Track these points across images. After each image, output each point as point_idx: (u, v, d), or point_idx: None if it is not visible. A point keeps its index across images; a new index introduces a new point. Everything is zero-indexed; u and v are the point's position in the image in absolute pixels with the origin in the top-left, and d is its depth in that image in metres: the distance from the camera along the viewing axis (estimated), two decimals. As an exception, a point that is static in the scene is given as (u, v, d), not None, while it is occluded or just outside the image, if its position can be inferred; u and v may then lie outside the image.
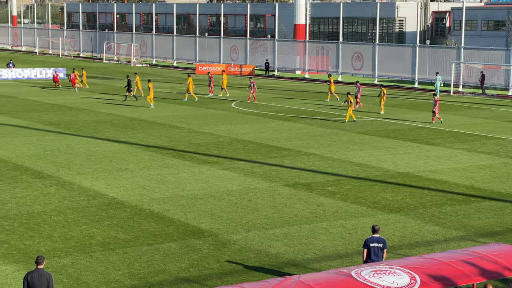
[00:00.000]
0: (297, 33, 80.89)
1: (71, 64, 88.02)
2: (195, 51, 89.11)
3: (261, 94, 58.82)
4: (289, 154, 33.33)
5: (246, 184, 27.32)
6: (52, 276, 13.95)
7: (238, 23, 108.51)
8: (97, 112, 46.27)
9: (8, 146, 33.91)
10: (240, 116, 45.84)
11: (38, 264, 13.94)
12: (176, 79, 71.26)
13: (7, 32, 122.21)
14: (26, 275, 13.83)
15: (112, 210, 23.43)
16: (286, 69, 79.75)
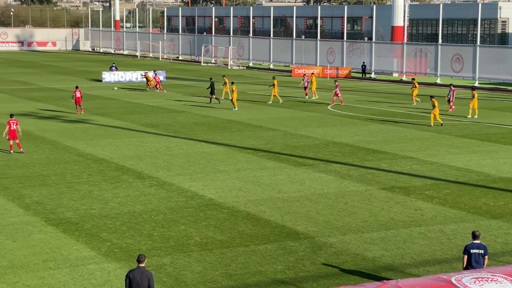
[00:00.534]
0: (395, 35, 79.94)
1: (170, 67, 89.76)
2: (292, 53, 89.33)
3: (358, 96, 58.45)
4: (385, 157, 33.00)
5: (342, 187, 27.22)
6: (152, 275, 14.26)
7: (335, 25, 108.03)
8: (195, 114, 47.02)
9: (111, 147, 34.88)
10: (336, 118, 45.68)
11: (140, 262, 14.23)
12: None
13: (110, 36, 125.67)
14: (128, 273, 14.18)
15: (210, 211, 23.78)
16: (383, 72, 78.94)
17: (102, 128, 40.83)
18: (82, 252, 19.40)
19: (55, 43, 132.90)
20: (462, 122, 43.73)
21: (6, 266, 18.21)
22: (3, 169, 29.51)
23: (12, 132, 32.21)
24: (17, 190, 26.11)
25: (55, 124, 41.98)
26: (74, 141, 36.15)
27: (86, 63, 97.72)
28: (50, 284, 17.15)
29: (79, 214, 23.12)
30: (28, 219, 22.39)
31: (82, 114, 45.81)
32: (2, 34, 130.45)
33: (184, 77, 76.60)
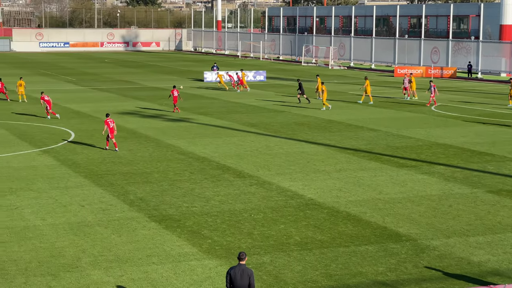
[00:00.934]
0: (504, 34, 77.74)
1: (270, 67, 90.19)
2: (394, 53, 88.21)
3: (463, 97, 57.17)
4: (492, 160, 32.13)
5: (446, 189, 26.66)
6: (253, 272, 14.33)
7: (440, 24, 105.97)
8: (295, 114, 47.06)
9: (212, 145, 35.34)
10: (440, 119, 44.80)
11: (240, 260, 14.31)
12: (374, 82, 70.85)
13: (212, 37, 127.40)
14: (229, 270, 14.30)
15: (309, 210, 23.74)
16: (490, 72, 76.90)
17: (203, 127, 41.42)
18: (184, 249, 19.72)
19: (158, 44, 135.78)
20: None
21: (112, 260, 18.72)
22: (109, 166, 30.35)
23: (111, 130, 33.13)
24: (122, 186, 26.79)
25: (158, 122, 42.87)
26: (176, 140, 36.81)
27: (188, 63, 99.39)
28: (153, 278, 17.52)
29: (181, 211, 23.52)
30: (132, 215, 22.94)
31: (179, 113, 46.56)
32: (109, 35, 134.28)
33: (284, 77, 76.83)
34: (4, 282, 17.09)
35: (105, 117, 34.10)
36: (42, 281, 17.19)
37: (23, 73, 75.70)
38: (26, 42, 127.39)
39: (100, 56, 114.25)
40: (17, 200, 24.54)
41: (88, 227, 21.55)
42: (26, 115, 44.96)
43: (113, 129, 33.25)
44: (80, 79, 72.50)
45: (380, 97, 57.15)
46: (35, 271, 17.82)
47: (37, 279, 17.31)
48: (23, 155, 32.43)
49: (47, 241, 20.22)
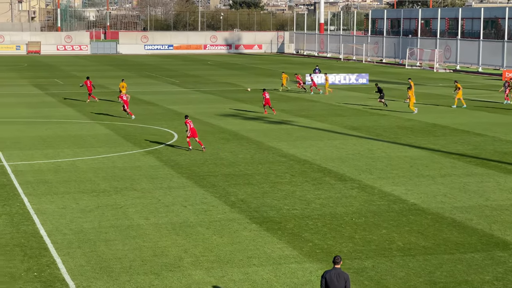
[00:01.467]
0: None
1: (373, 70, 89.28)
2: (503, 56, 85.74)
3: None
4: None
5: (556, 197, 25.66)
6: (349, 276, 14.15)
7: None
8: (397, 117, 46.38)
9: (313, 148, 35.22)
10: (550, 124, 43.19)
11: (336, 263, 14.14)
12: (481, 85, 69.12)
13: (314, 39, 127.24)
14: (324, 274, 14.11)
15: (413, 216, 23.30)
16: None
17: (304, 129, 41.35)
18: (284, 251, 19.70)
19: (261, 46, 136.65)
20: None
21: (213, 261, 18.89)
22: (211, 167, 30.70)
23: (193, 130, 33.59)
24: (223, 188, 27.04)
25: (259, 124, 43.09)
26: (278, 142, 36.89)
27: (290, 65, 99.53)
28: (254, 280, 17.57)
29: (281, 213, 23.53)
30: (233, 216, 23.11)
31: (274, 114, 46.68)
32: (212, 38, 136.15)
33: (387, 80, 75.86)
34: (109, 280, 17.51)
35: (185, 118, 34.53)
36: (145, 280, 17.52)
37: (128, 75, 77.75)
38: (132, 44, 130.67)
39: (203, 58, 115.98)
40: (122, 200, 25.13)
41: (190, 228, 21.83)
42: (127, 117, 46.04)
43: (195, 129, 33.77)
44: (183, 81, 73.77)
45: (487, 101, 55.64)
46: (139, 270, 18.19)
47: (141, 278, 17.65)
48: (127, 155, 33.22)
49: (150, 240, 20.60)
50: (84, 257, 19.09)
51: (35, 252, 19.47)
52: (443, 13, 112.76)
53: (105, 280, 17.44)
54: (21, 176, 28.62)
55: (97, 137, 38.07)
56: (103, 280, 17.47)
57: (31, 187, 26.90)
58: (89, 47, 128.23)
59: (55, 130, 40.23)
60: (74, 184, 27.41)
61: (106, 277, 17.67)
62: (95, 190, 26.48)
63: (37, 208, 23.96)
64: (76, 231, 21.34)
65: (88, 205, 24.38)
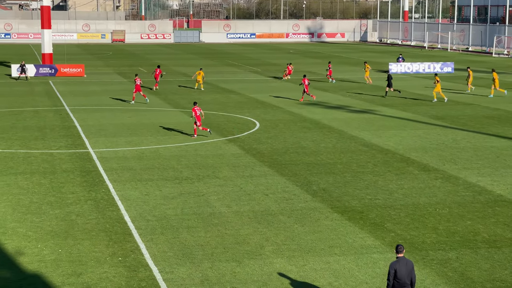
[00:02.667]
0: None
1: (458, 58, 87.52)
2: None
3: None
4: None
5: None
6: (413, 264, 14.20)
7: None
8: (484, 106, 45.38)
9: (396, 138, 34.82)
10: None
11: (399, 252, 14.14)
12: None
13: (398, 27, 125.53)
14: (392, 265, 14.08)
15: (499, 207, 22.80)
16: None
17: (387, 118, 40.90)
18: (366, 241, 19.58)
19: (343, 35, 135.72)
20: None
21: (295, 249, 18.93)
22: (292, 156, 30.72)
23: (198, 118, 33.88)
24: (305, 177, 27.03)
25: (341, 113, 42.85)
26: (360, 131, 36.61)
27: (373, 54, 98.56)
28: (335, 269, 17.54)
29: (363, 203, 23.37)
30: (315, 205, 23.08)
31: (313, 99, 47.21)
32: (294, 26, 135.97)
33: (474, 68, 74.21)
34: (191, 266, 17.77)
35: (193, 105, 34.73)
36: (227, 267, 17.70)
37: (211, 63, 78.38)
38: (215, 33, 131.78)
39: (285, 47, 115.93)
40: (204, 187, 25.43)
41: (272, 216, 21.93)
42: (213, 105, 46.47)
43: (200, 116, 33.94)
44: (265, 69, 73.95)
45: None
46: (221, 257, 18.39)
47: (222, 265, 17.85)
48: (210, 143, 33.56)
49: (232, 228, 20.79)
50: (167, 243, 19.42)
51: (119, 238, 19.92)
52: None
53: (188, 267, 17.71)
54: (106, 163, 29.29)
55: (179, 125, 38.58)
56: (186, 266, 17.74)
57: (116, 173, 27.50)
58: (172, 35, 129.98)
59: (138, 118, 40.98)
60: (157, 171, 27.88)
61: (188, 263, 17.94)
62: (177, 177, 26.87)
63: (121, 194, 24.49)
64: (159, 218, 21.72)
65: (171, 192, 24.77)
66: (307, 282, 16.75)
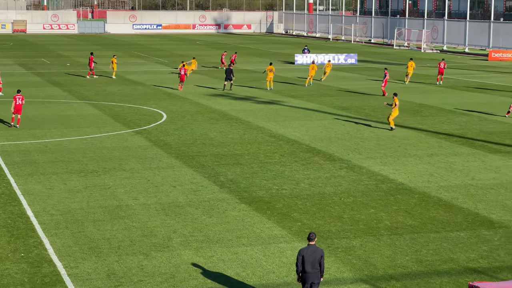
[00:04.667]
0: None
1: (361, 50, 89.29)
2: (489, 37, 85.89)
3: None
4: None
5: (541, 176, 25.89)
6: (323, 251, 14.52)
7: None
8: (386, 98, 46.46)
9: (302, 128, 35.31)
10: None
11: (311, 240, 14.47)
12: (467, 66, 69.30)
13: (303, 19, 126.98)
14: (300, 251, 14.45)
15: (400, 195, 23.47)
16: None
17: (293, 109, 41.41)
18: (273, 231, 19.83)
19: (250, 26, 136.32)
20: None
21: (202, 240, 18.99)
22: (200, 147, 30.75)
23: (18, 106, 34.10)
24: (212, 168, 27.10)
25: (248, 104, 43.11)
26: (267, 122, 36.94)
27: (279, 45, 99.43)
28: (243, 259, 17.69)
29: (270, 193, 23.64)
30: (222, 196, 23.20)
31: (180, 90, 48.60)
32: (200, 17, 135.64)
33: (376, 60, 75.94)
34: (97, 260, 17.58)
35: (16, 93, 34.91)
36: (134, 260, 17.60)
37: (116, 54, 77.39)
38: (120, 24, 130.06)
39: (192, 38, 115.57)
40: (110, 180, 25.16)
41: (179, 208, 21.92)
42: (119, 96, 45.95)
43: (20, 106, 34.03)
44: (172, 61, 73.56)
45: (474, 81, 55.85)
46: (127, 250, 18.27)
47: (129, 258, 17.74)
48: (116, 135, 33.20)
49: (139, 220, 20.67)
50: (72, 237, 19.14)
51: (22, 233, 19.50)
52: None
53: (94, 261, 17.51)
54: (7, 157, 28.58)
55: (85, 117, 38.00)
56: (91, 260, 17.54)
57: (18, 167, 26.87)
58: (76, 26, 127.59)
59: (41, 110, 40.13)
60: (62, 164, 27.39)
61: (94, 257, 17.74)
62: (83, 170, 26.49)
63: (23, 188, 23.96)
64: (63, 212, 21.37)
65: (76, 185, 24.40)
66: (215, 273, 16.85)
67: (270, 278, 16.55)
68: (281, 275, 16.72)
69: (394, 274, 16.80)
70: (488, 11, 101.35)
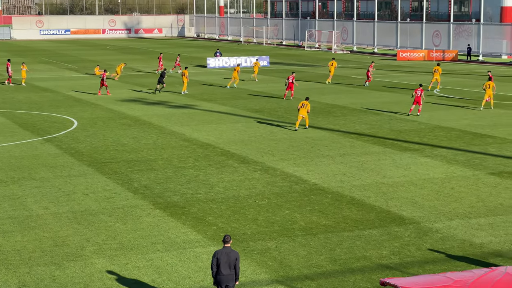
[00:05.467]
0: (504, 16, 77.51)
1: (273, 52, 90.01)
2: (396, 37, 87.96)
3: (465, 80, 57.10)
4: (494, 142, 32.10)
5: (448, 172, 26.67)
6: (239, 254, 14.55)
7: (441, 7, 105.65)
8: (299, 99, 46.96)
9: (216, 132, 35.33)
10: (442, 102, 44.73)
11: (226, 243, 14.52)
12: (377, 66, 70.81)
13: (214, 22, 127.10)
14: (215, 253, 14.48)
15: (314, 196, 23.76)
16: (491, 54, 76.70)
17: (207, 113, 41.40)
18: (189, 236, 19.76)
19: (161, 30, 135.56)
20: None
21: (116, 248, 18.76)
22: (112, 153, 30.38)
23: None
24: (126, 174, 26.82)
25: (161, 109, 42.86)
26: (180, 126, 36.81)
27: (191, 49, 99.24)
28: (158, 265, 17.57)
29: (185, 198, 23.56)
30: (136, 203, 22.98)
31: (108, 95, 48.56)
32: (110, 22, 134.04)
33: (288, 62, 76.70)
34: (7, 272, 17.14)
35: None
36: (46, 271, 17.24)
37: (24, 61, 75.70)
38: (27, 29, 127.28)
39: (102, 43, 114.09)
40: (20, 190, 24.58)
41: (92, 216, 21.59)
42: (28, 104, 44.95)
43: None
44: (82, 66, 72.46)
45: (384, 81, 57.07)
46: (39, 261, 17.87)
47: (41, 269, 17.36)
48: (25, 144, 32.47)
49: (50, 230, 20.26)
50: (-18, 250, 18.60)
51: None
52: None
53: (3, 273, 17.06)
54: None
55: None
56: (1, 272, 17.08)
57: None
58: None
59: None
60: (-30, 175, 26.60)
61: (4, 269, 17.28)
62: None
63: None
64: (-27, 224, 20.75)
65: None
66: (130, 280, 16.67)
67: (186, 283, 16.49)
68: (197, 280, 16.68)
69: (309, 274, 16.99)
70: (395, 12, 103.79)
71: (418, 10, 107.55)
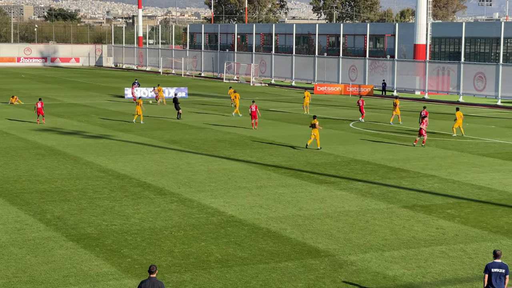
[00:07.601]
0: (417, 53, 79.80)
1: (192, 83, 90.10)
2: (314, 71, 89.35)
3: (379, 114, 58.34)
4: (407, 176, 32.83)
5: (363, 205, 27.10)
6: (164, 285, 14.53)
7: (357, 43, 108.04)
8: (216, 130, 47.08)
9: (132, 163, 34.99)
10: (358, 136, 45.57)
11: (151, 273, 14.58)
12: (294, 99, 71.65)
13: (133, 53, 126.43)
14: (140, 284, 14.47)
15: (230, 227, 23.74)
16: (405, 90, 78.73)
17: (123, 144, 41.00)
18: (102, 268, 19.42)
19: (78, 59, 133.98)
20: (484, 141, 43.46)
21: (26, 282, 18.26)
22: (25, 184, 29.70)
23: None
24: (38, 205, 26.23)
25: (77, 139, 42.22)
26: (96, 157, 36.32)
27: (108, 79, 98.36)
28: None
29: (100, 229, 23.18)
30: (49, 235, 22.47)
31: (43, 123, 48.07)
32: (26, 50, 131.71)
33: (206, 93, 76.86)
34: None
35: None
36: (-46, 304, 16.65)
37: None
38: None
39: (17, 71, 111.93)
40: None
41: (2, 248, 20.98)
42: None
43: None
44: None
45: (301, 114, 57.77)
46: None
47: (-52, 302, 16.76)
48: None
49: (-40, 262, 19.60)
50: None
51: None
52: (258, 29, 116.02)
53: None
54: None
55: None
56: None
57: None
58: None
59: None
60: None
61: None
62: None
63: None
64: None
65: None
66: (41, 315, 16.23)
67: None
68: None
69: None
70: (312, 46, 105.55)
71: (335, 45, 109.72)
